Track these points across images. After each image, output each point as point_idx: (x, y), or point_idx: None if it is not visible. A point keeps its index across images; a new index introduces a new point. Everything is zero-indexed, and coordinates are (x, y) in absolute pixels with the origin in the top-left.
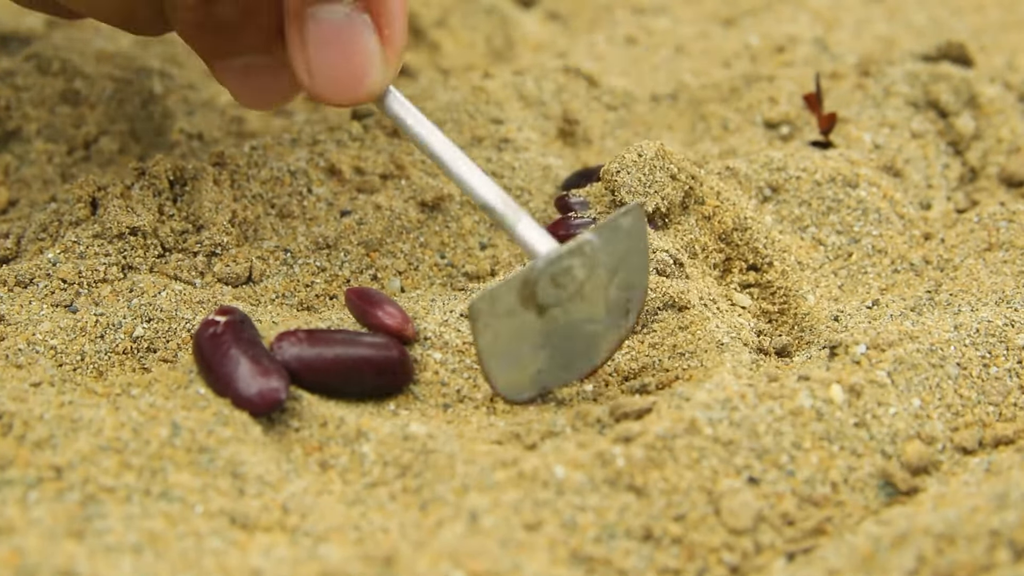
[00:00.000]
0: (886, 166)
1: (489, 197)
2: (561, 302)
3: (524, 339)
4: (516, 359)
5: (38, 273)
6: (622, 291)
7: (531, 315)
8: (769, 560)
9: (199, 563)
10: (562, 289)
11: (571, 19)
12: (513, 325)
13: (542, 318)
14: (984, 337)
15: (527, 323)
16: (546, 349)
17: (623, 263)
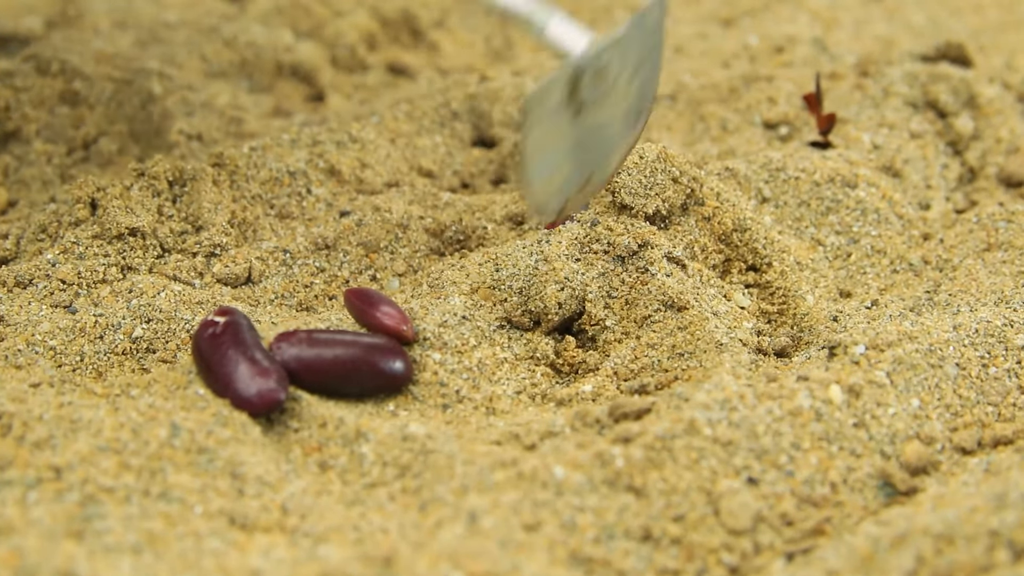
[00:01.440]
0: (885, 166)
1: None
2: (596, 100)
3: (559, 141)
4: (550, 163)
5: (37, 274)
6: (638, 94)
7: (568, 115)
8: (768, 560)
9: (198, 563)
10: (601, 85)
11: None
12: (554, 125)
13: (576, 119)
14: (983, 337)
15: (564, 124)
16: (573, 155)
17: (643, 63)
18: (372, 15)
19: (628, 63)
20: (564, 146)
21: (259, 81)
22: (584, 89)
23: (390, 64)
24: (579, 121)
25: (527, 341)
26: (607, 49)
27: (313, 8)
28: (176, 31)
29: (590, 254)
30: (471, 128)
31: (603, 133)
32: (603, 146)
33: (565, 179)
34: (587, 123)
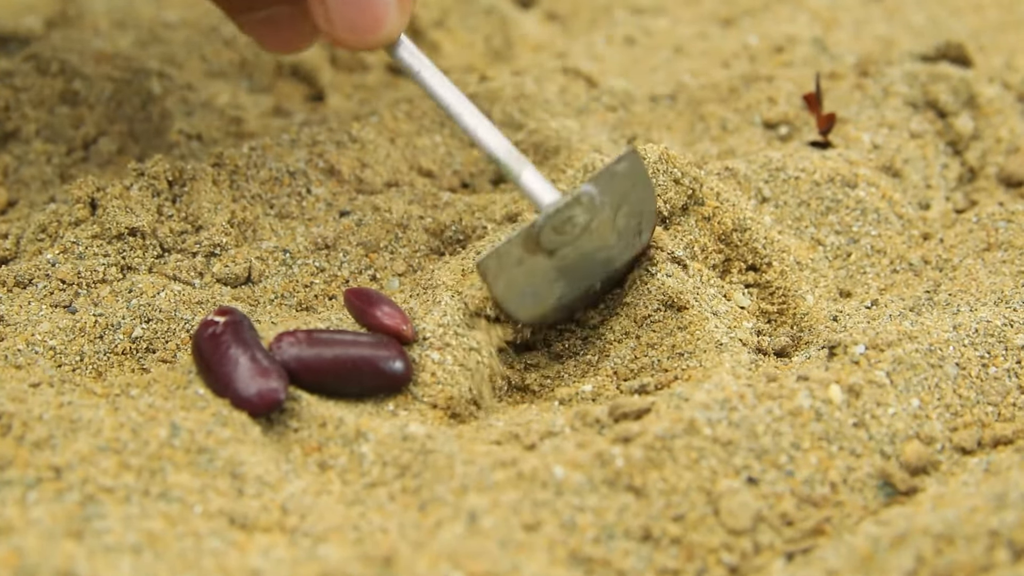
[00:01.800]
0: (885, 166)
1: (495, 148)
2: (567, 243)
3: (538, 278)
4: (534, 295)
5: (37, 274)
6: (631, 217)
7: (541, 258)
8: (768, 560)
9: (198, 563)
10: (565, 235)
11: (570, 19)
12: (524, 270)
13: (552, 258)
14: (983, 337)
15: (538, 265)
16: (561, 280)
17: (626, 199)
18: None
19: (604, 207)
20: (547, 277)
21: (259, 81)
22: (545, 241)
23: (390, 64)
24: (559, 256)
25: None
26: (564, 208)
27: None
28: (176, 31)
29: None
30: None
31: (598, 255)
32: (602, 263)
33: (559, 295)
34: (572, 255)
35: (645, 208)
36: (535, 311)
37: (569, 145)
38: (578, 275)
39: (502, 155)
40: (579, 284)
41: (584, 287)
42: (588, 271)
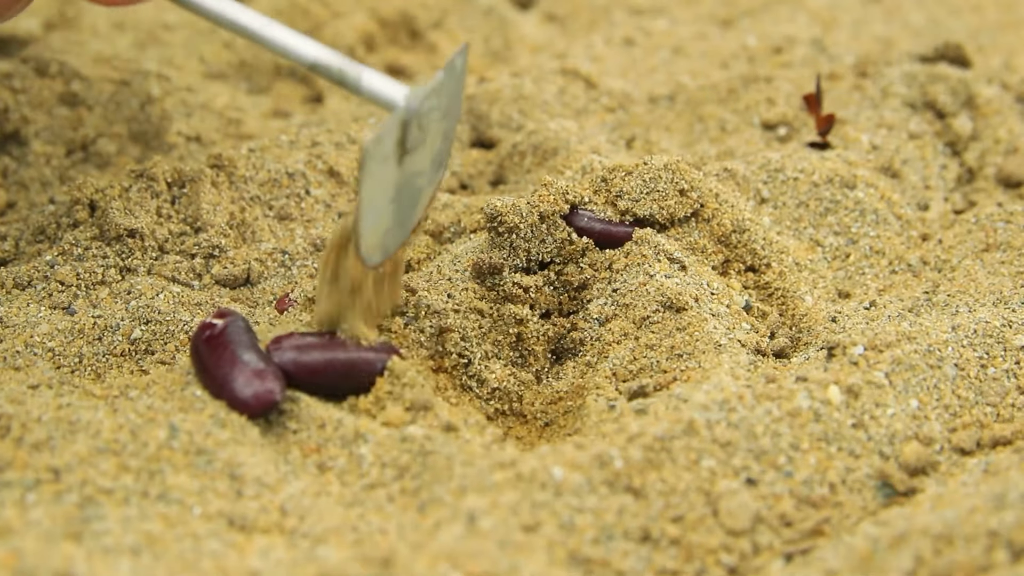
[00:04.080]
0: (884, 167)
1: (319, 55)
2: (415, 147)
3: (386, 189)
4: (378, 213)
5: (36, 275)
6: (444, 141)
7: (394, 162)
8: (767, 561)
9: (197, 565)
10: (424, 132)
11: (569, 20)
12: (383, 172)
13: (400, 166)
14: (982, 338)
15: (390, 171)
16: (394, 203)
17: (450, 109)
18: (370, 16)
19: (440, 109)
20: (389, 194)
21: (258, 82)
22: (411, 136)
23: (389, 65)
24: (402, 168)
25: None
26: (429, 95)
27: (312, 9)
28: (175, 32)
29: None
30: (470, 129)
31: (416, 181)
32: (415, 194)
33: (387, 228)
34: (407, 170)
35: (451, 132)
36: (373, 236)
37: (568, 146)
38: (401, 203)
39: (332, 61)
40: (399, 216)
41: (400, 222)
42: (407, 202)
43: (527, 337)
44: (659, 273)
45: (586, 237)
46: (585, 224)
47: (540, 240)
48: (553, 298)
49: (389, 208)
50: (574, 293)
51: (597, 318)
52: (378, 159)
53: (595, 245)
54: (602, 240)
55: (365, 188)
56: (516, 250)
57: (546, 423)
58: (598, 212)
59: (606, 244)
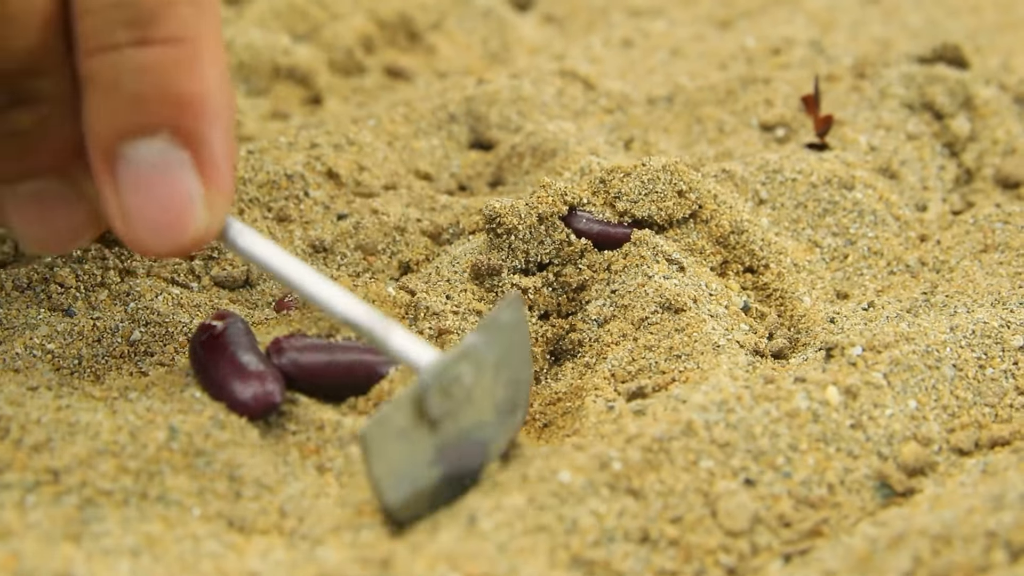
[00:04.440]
0: (882, 168)
1: (354, 313)
2: (452, 412)
3: (418, 458)
4: (411, 480)
5: (36, 277)
6: (508, 388)
7: (423, 432)
8: (766, 561)
9: (196, 566)
10: (452, 399)
11: (567, 22)
12: (405, 446)
13: (434, 433)
14: (980, 338)
15: (419, 441)
16: (439, 465)
17: (506, 359)
18: (369, 18)
19: (486, 366)
20: (425, 458)
21: (256, 84)
22: (433, 407)
23: (387, 67)
24: (439, 433)
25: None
26: (453, 363)
27: (310, 11)
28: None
29: None
30: (468, 130)
31: (476, 435)
32: (478, 446)
33: (434, 484)
34: (450, 431)
35: (521, 376)
36: (407, 500)
37: (566, 148)
38: (455, 461)
39: (363, 320)
40: (454, 474)
41: (456, 479)
42: (464, 457)
43: None
44: (658, 274)
45: (585, 238)
46: (584, 225)
47: (539, 241)
48: (552, 299)
49: (432, 471)
50: (573, 294)
51: (596, 319)
52: (388, 438)
53: (594, 246)
54: (600, 241)
55: (376, 468)
56: (515, 251)
57: (545, 424)
58: (597, 213)
59: (605, 245)
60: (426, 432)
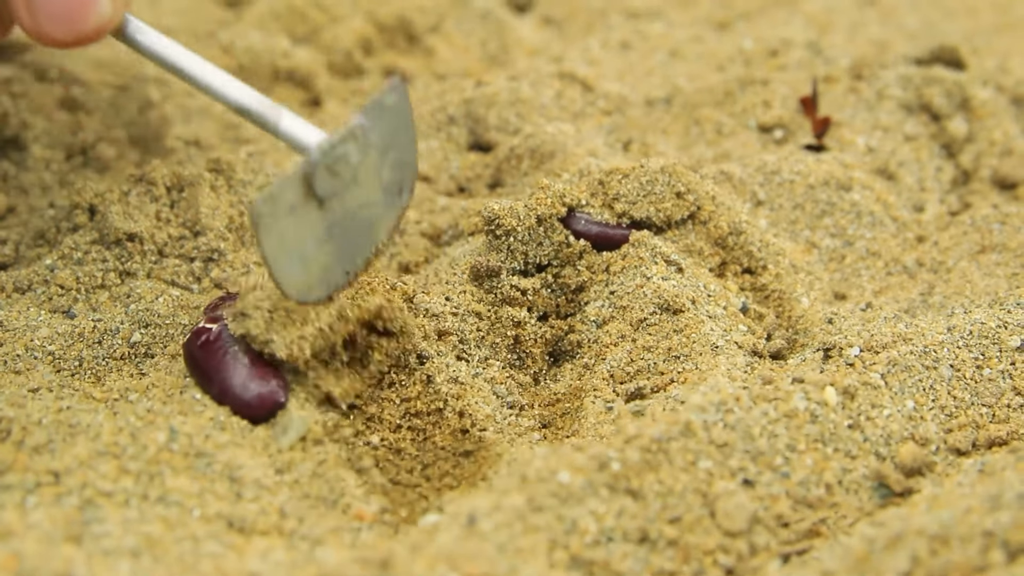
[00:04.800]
0: (879, 169)
1: (245, 99)
2: (338, 191)
3: (308, 235)
4: (302, 257)
5: (36, 279)
6: (395, 170)
7: (312, 209)
8: (764, 562)
9: (196, 567)
10: (339, 177)
11: (566, 24)
12: (296, 222)
13: (323, 210)
14: (977, 339)
15: (309, 218)
16: (330, 242)
17: (393, 142)
18: (368, 20)
19: (371, 148)
20: (314, 236)
21: (256, 86)
22: (320, 185)
23: (386, 69)
24: (327, 211)
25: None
26: (339, 143)
27: (309, 13)
28: (174, 37)
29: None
30: (467, 132)
31: (363, 214)
32: (366, 224)
33: (326, 263)
34: (338, 210)
35: (407, 158)
36: (300, 277)
37: (565, 149)
38: (344, 239)
39: (254, 105)
40: (343, 251)
41: (347, 256)
42: (353, 235)
43: (525, 339)
44: (656, 275)
45: (583, 240)
46: (582, 227)
47: (537, 243)
48: (551, 300)
49: (323, 249)
50: (571, 295)
51: (594, 320)
52: (279, 214)
53: (592, 247)
54: (599, 242)
55: (267, 244)
56: (514, 253)
57: (544, 424)
58: (595, 215)
59: (603, 246)
60: (315, 209)
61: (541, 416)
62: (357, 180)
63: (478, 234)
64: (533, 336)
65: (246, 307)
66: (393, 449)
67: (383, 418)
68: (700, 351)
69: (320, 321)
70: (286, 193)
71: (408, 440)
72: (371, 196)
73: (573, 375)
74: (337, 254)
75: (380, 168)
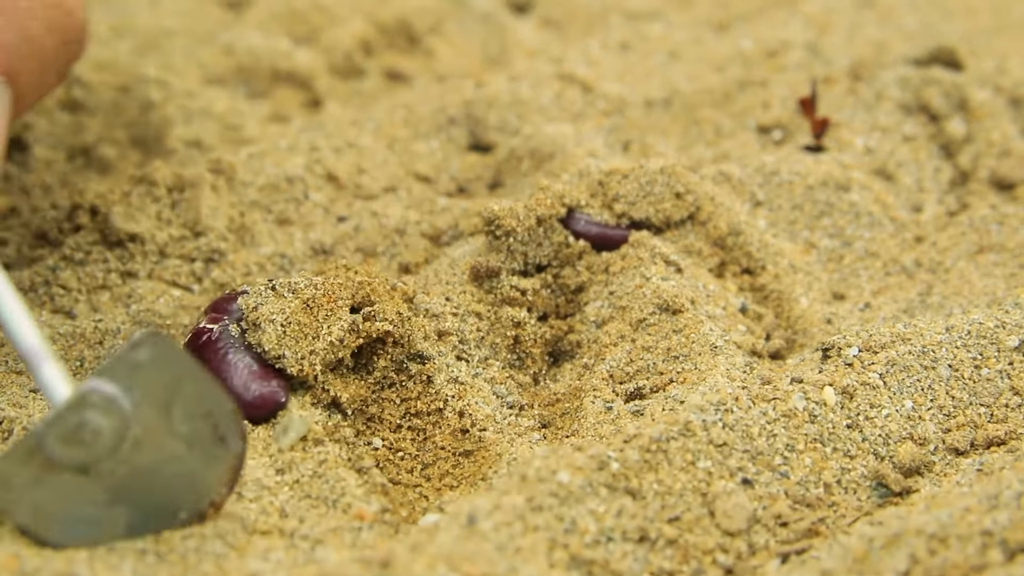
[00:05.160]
0: (878, 170)
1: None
2: (102, 457)
3: (81, 501)
4: (87, 521)
5: (38, 280)
6: (196, 421)
7: (69, 476)
8: (763, 561)
9: (198, 566)
10: (87, 447)
11: (565, 25)
12: (51, 492)
13: (91, 476)
14: (975, 339)
15: (70, 485)
16: (123, 504)
17: (173, 395)
18: (368, 22)
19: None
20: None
21: (257, 87)
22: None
23: (387, 70)
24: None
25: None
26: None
27: (310, 15)
28: (174, 38)
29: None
30: (467, 133)
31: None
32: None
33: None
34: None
35: (215, 407)
36: (96, 535)
37: (564, 150)
38: (147, 497)
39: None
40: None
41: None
42: (164, 492)
43: (524, 340)
44: (655, 276)
45: (583, 240)
46: (582, 227)
47: (537, 243)
48: (550, 301)
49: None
50: (571, 296)
51: (594, 320)
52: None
53: (592, 248)
54: (599, 243)
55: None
56: (513, 253)
57: (544, 424)
58: (595, 215)
59: (603, 247)
60: (73, 476)
61: (541, 416)
62: (139, 441)
63: (478, 235)
64: (533, 336)
65: (259, 319)
66: (393, 449)
67: (383, 418)
68: (699, 351)
69: (332, 335)
70: (14, 470)
71: (408, 440)
72: (171, 452)
73: (573, 375)
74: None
75: (170, 424)
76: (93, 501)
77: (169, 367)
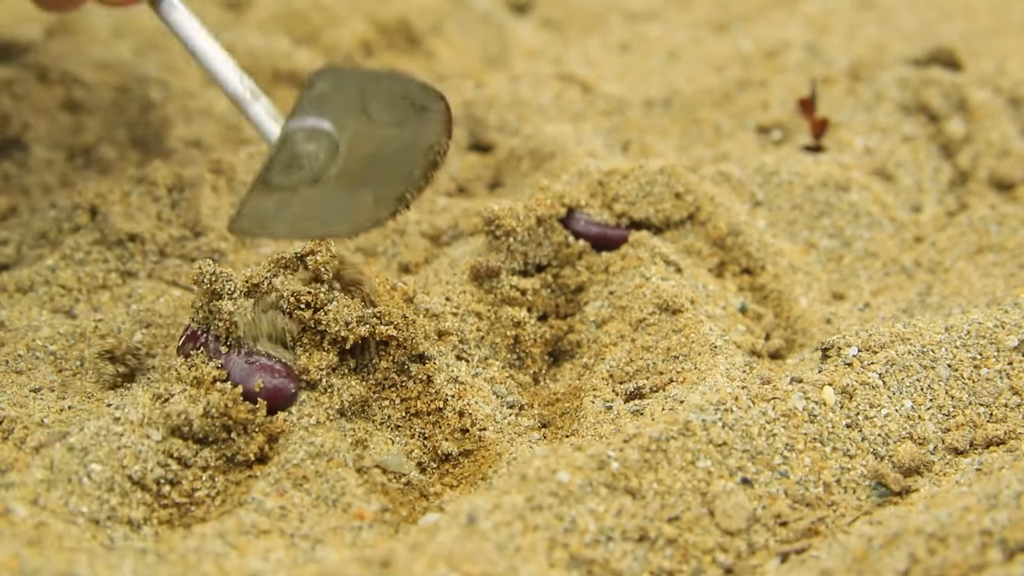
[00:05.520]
0: (877, 170)
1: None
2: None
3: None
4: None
5: (38, 279)
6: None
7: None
8: (763, 561)
9: (199, 566)
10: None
11: (565, 26)
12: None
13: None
14: (975, 339)
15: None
16: (363, 188)
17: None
18: (368, 22)
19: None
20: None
21: (257, 87)
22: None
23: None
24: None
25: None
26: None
27: (310, 15)
28: (174, 39)
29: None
30: (467, 133)
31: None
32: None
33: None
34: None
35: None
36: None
37: (564, 150)
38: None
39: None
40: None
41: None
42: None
43: (524, 339)
44: (655, 276)
45: (583, 240)
46: (582, 227)
47: (537, 243)
48: (550, 301)
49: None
50: (571, 296)
51: (594, 320)
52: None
53: (592, 248)
54: (598, 243)
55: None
56: (513, 253)
57: (544, 424)
58: (595, 215)
59: (602, 247)
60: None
61: (541, 416)
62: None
63: (478, 235)
64: (533, 336)
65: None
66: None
67: (383, 418)
68: (699, 351)
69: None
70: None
71: (408, 439)
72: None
73: (572, 375)
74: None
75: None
76: (336, 196)
77: (348, 83)
